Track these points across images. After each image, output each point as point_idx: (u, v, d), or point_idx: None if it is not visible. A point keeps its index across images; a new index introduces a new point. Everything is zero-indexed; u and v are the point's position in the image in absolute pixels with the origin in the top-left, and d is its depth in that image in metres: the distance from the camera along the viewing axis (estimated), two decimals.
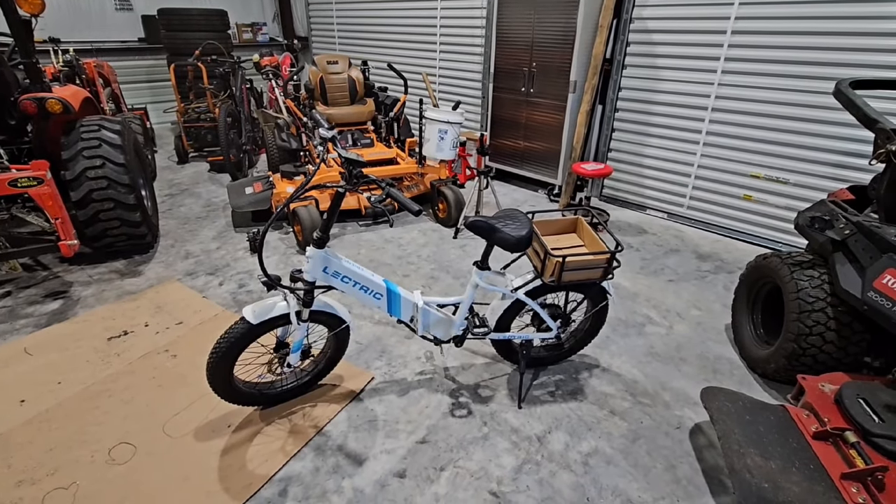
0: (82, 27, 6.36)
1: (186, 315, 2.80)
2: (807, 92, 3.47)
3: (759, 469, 1.62)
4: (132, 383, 2.27)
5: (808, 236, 2.35)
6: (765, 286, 2.52)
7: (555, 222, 2.30)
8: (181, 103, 5.70)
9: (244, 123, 5.29)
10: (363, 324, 2.77)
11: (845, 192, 2.55)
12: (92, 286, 3.08)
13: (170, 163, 5.66)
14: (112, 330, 2.65)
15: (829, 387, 1.94)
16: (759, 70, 3.63)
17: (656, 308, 3.00)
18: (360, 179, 1.73)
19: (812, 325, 2.09)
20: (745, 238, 3.99)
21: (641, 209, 4.62)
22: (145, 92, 7.05)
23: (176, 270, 3.31)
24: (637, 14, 4.14)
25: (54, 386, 2.25)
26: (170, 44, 6.26)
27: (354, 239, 3.85)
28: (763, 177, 3.82)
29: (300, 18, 8.08)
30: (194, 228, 3.96)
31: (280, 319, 1.87)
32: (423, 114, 3.98)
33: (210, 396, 2.18)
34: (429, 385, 2.33)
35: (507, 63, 4.82)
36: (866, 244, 2.00)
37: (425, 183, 4.36)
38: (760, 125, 3.73)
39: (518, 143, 5.02)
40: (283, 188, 3.84)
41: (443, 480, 1.85)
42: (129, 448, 1.93)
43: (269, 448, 1.95)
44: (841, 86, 2.33)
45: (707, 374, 2.45)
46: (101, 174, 3.00)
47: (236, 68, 5.32)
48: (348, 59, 4.78)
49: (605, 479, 1.87)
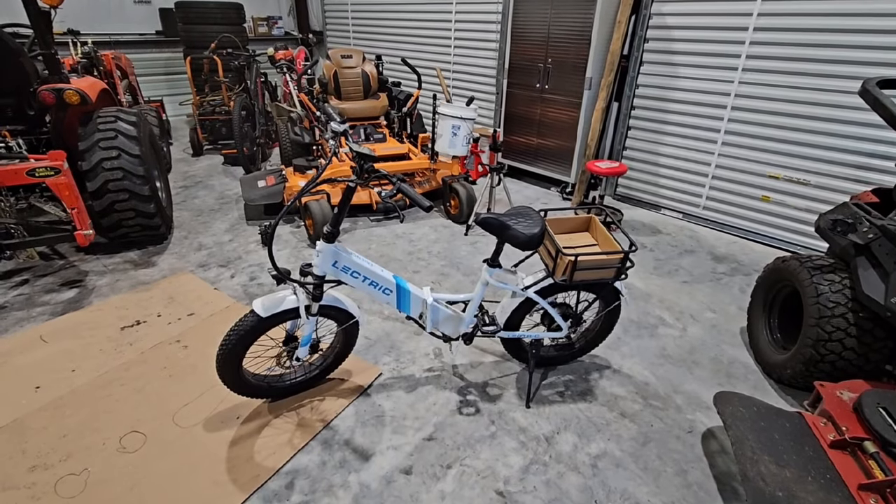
0: (101, 19, 6.44)
1: (198, 306, 2.82)
2: (830, 91, 3.38)
3: (773, 477, 1.58)
4: (144, 373, 2.30)
5: (829, 239, 2.28)
6: (783, 290, 2.46)
7: (567, 220, 2.27)
8: (197, 96, 5.75)
9: (258, 117, 5.32)
10: (372, 319, 2.77)
11: (869, 195, 2.47)
12: (107, 276, 3.12)
13: (185, 155, 5.71)
14: (125, 319, 2.69)
15: (848, 394, 1.88)
16: (782, 68, 3.54)
17: (669, 309, 2.95)
18: (370, 174, 1.71)
19: (832, 331, 2.03)
20: (763, 240, 3.91)
21: (656, 209, 4.54)
22: (162, 84, 7.13)
23: (189, 262, 3.34)
24: (656, 10, 4.07)
25: (68, 373, 2.28)
26: (186, 36, 6.31)
27: (365, 234, 3.85)
28: (782, 177, 3.73)
29: (315, 12, 8.09)
30: (207, 220, 3.99)
31: (289, 313, 1.87)
32: (436, 109, 3.96)
33: (220, 388, 2.19)
34: (437, 382, 2.32)
35: (522, 59, 4.77)
36: (891, 249, 1.94)
37: (437, 179, 4.34)
38: (782, 125, 3.64)
39: (531, 140, 4.97)
40: (296, 182, 3.85)
41: (449, 478, 1.83)
42: (140, 436, 1.95)
43: (276, 440, 1.96)
44: (868, 85, 2.26)
45: (721, 377, 2.41)
46: (117, 165, 3.03)
47: (251, 62, 5.34)
48: (362, 54, 4.77)
49: (613, 481, 1.84)
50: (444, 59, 6.02)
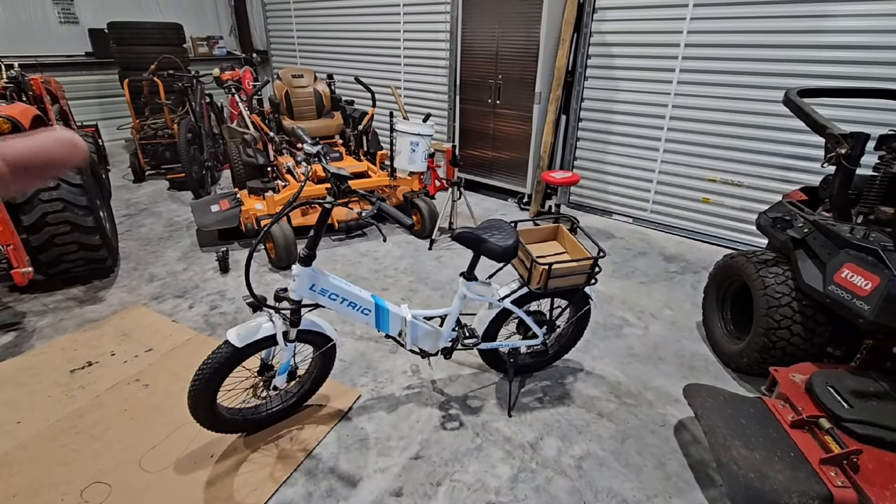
0: (24, 41, 6.01)
1: (156, 341, 2.66)
2: (756, 100, 3.71)
3: (745, 460, 1.69)
4: (102, 417, 2.13)
5: (769, 235, 2.49)
6: (733, 284, 2.66)
7: (536, 231, 2.34)
8: (136, 119, 5.46)
9: (205, 139, 5.12)
10: (345, 340, 2.72)
11: (798, 193, 2.72)
12: (48, 315, 2.88)
13: (125, 181, 5.39)
14: (74, 361, 2.48)
15: (800, 377, 2.05)
16: (712, 80, 3.86)
17: (631, 310, 3.10)
18: (347, 194, 1.71)
19: (780, 319, 2.21)
20: (707, 239, 4.19)
21: (608, 215, 4.77)
22: (95, 108, 6.72)
23: (141, 295, 3.14)
24: (596, 28, 4.32)
25: (13, 426, 2.08)
26: (122, 58, 6.00)
27: (328, 254, 3.79)
28: (719, 180, 4.04)
29: (258, 32, 7.93)
30: (157, 249, 3.78)
31: (266, 341, 1.81)
32: (393, 126, 3.98)
33: (189, 426, 2.07)
34: (417, 399, 2.30)
35: (473, 75, 4.90)
36: (824, 241, 2.15)
37: (398, 195, 4.35)
38: (715, 132, 3.95)
39: (486, 154, 5.10)
40: (252, 204, 3.73)
41: (440, 496, 1.82)
42: (104, 487, 1.81)
43: (256, 476, 1.87)
44: (790, 94, 2.51)
45: (684, 371, 2.55)
46: (56, 196, 2.82)
47: (195, 83, 5.16)
48: (314, 73, 4.74)
49: (599, 481, 1.90)
50: (395, 76, 6.08)
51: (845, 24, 3.27)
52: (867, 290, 1.88)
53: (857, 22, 3.23)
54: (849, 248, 2.01)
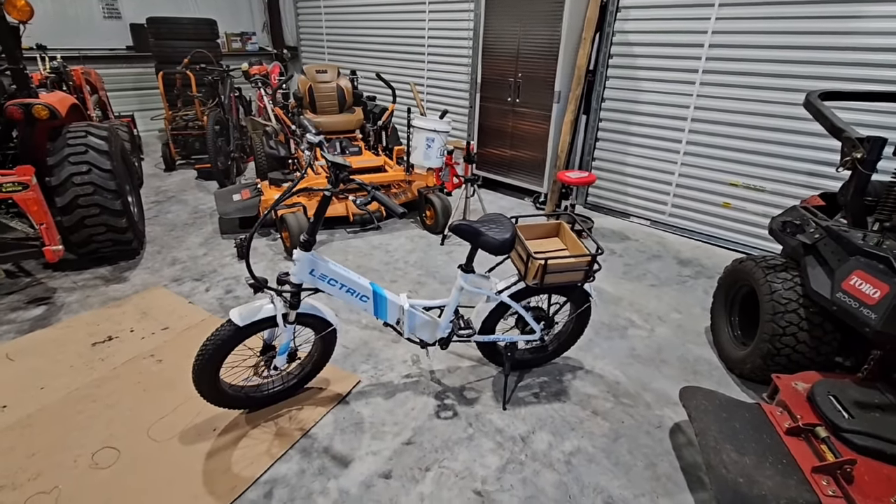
0: (70, 34, 6.35)
1: (172, 320, 2.79)
2: (781, 103, 3.60)
3: (735, 464, 1.67)
4: (117, 388, 2.26)
5: (781, 240, 2.43)
6: (741, 289, 2.60)
7: (538, 227, 2.36)
8: (169, 111, 5.70)
9: (232, 131, 5.31)
10: (350, 328, 2.79)
11: (816, 199, 2.64)
12: (76, 292, 3.06)
13: (157, 170, 5.64)
14: (96, 335, 2.64)
15: (802, 385, 2.00)
16: (736, 82, 3.76)
17: (638, 312, 3.06)
18: (346, 183, 1.76)
19: (785, 326, 2.16)
20: (725, 244, 4.09)
21: (625, 216, 4.71)
22: (132, 100, 7.04)
23: (162, 276, 3.30)
24: (619, 27, 4.27)
25: (37, 391, 2.23)
26: (158, 52, 6.27)
27: (342, 245, 3.88)
28: (741, 184, 3.94)
29: (290, 28, 8.14)
30: (181, 235, 3.95)
31: (266, 322, 1.89)
32: (410, 122, 4.04)
33: (196, 400, 2.18)
34: (415, 388, 2.35)
35: (494, 73, 4.92)
36: (835, 247, 2.09)
37: (413, 190, 4.41)
38: (738, 135, 3.85)
39: (504, 152, 5.11)
40: (271, 195, 3.86)
41: (428, 480, 1.87)
42: (113, 452, 1.92)
43: (254, 451, 1.96)
44: (811, 97, 2.44)
45: (687, 375, 2.51)
46: (88, 180, 2.99)
47: (225, 77, 5.35)
48: (337, 69, 4.84)
49: (587, 477, 1.91)
50: (418, 73, 6.14)
51: (877, 25, 3.14)
52: (875, 299, 1.83)
53: (891, 23, 3.10)
54: (860, 255, 1.95)
